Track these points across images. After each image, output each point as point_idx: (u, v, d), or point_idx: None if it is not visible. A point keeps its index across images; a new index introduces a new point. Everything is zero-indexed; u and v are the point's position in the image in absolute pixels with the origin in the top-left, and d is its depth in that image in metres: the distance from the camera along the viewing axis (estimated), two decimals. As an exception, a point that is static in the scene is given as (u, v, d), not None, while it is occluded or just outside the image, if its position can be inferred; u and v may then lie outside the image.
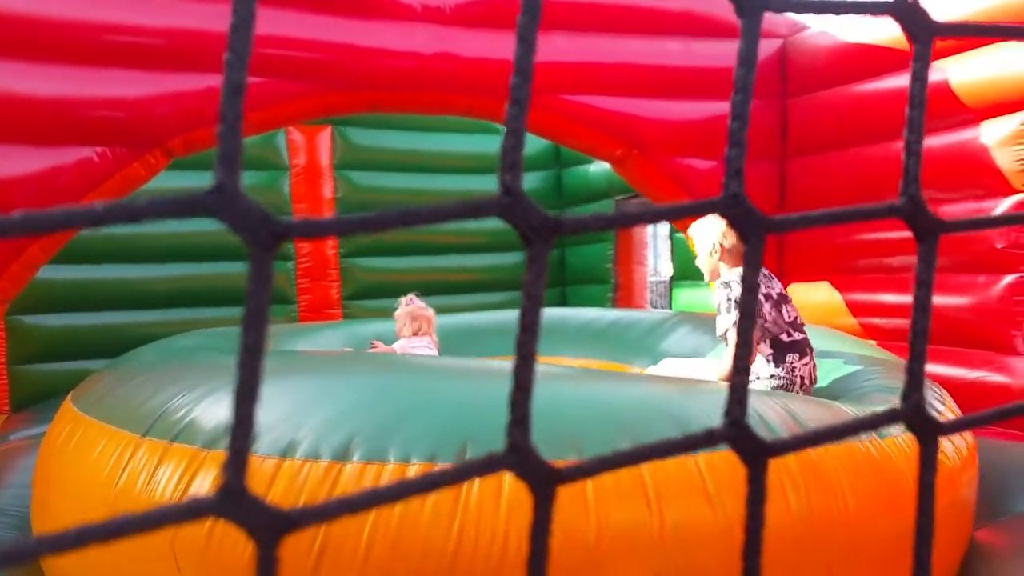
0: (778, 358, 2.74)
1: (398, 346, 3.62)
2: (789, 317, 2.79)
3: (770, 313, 2.75)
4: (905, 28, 0.51)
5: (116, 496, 1.88)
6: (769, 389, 2.69)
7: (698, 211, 0.49)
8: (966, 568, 2.25)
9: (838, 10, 0.53)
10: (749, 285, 0.47)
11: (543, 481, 0.39)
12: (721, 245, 2.87)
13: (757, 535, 0.45)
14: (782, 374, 2.72)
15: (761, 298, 2.74)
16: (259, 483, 1.69)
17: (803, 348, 2.77)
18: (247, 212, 0.34)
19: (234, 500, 0.34)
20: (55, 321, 4.78)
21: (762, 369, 2.74)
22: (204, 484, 1.77)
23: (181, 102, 3.37)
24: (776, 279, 2.94)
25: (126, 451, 1.93)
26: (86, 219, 0.34)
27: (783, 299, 2.83)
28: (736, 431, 0.45)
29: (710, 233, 2.90)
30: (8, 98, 3.16)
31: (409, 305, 3.72)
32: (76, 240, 4.18)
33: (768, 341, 2.74)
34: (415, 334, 3.62)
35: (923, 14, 0.51)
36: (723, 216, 0.46)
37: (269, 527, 0.34)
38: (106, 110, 3.29)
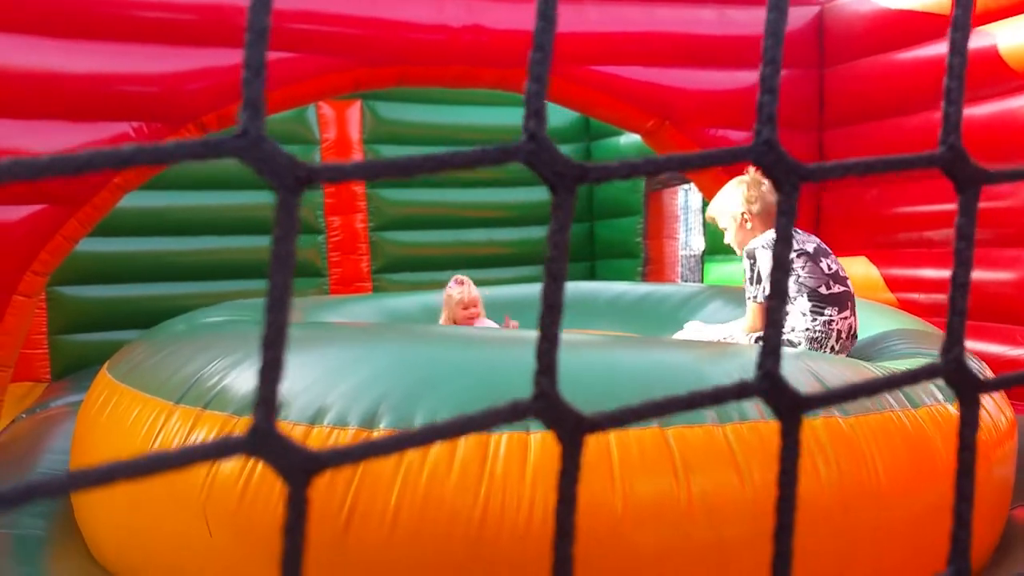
0: (816, 310, 2.68)
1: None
2: (829, 270, 2.72)
3: (804, 267, 2.69)
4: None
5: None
6: (803, 342, 2.65)
7: (730, 159, 0.47)
8: (1003, 547, 2.20)
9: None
10: (784, 235, 0.45)
11: (571, 429, 0.38)
12: (750, 212, 2.81)
13: (791, 490, 0.44)
14: (818, 327, 2.67)
15: (792, 255, 2.68)
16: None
17: (843, 301, 2.70)
18: (272, 155, 0.35)
19: (265, 440, 0.35)
20: (94, 292, 4.87)
21: (797, 322, 2.69)
22: (235, 450, 1.79)
23: (215, 77, 3.38)
24: (812, 235, 2.88)
25: (160, 418, 1.96)
26: (115, 159, 0.35)
27: (821, 252, 2.76)
28: (769, 383, 0.43)
29: (734, 204, 2.84)
30: (44, 74, 3.20)
31: (457, 288, 3.53)
32: (114, 213, 4.23)
33: (805, 294, 2.68)
34: (467, 319, 3.46)
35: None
36: (756, 164, 0.45)
37: (300, 467, 0.35)
38: (140, 85, 3.32)
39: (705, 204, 5.70)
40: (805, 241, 2.78)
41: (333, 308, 3.77)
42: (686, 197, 6.97)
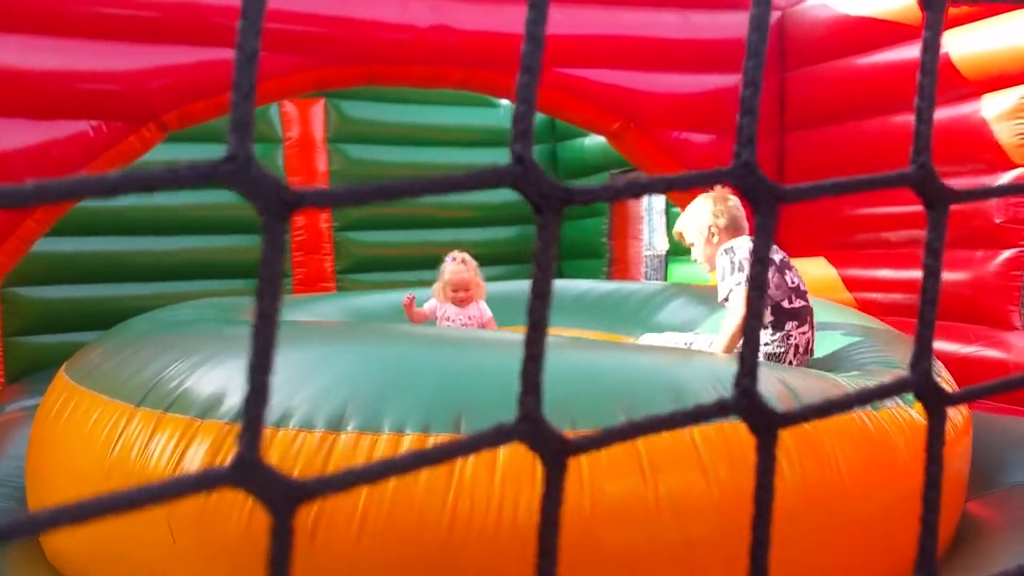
0: (776, 324, 2.69)
1: (427, 306, 3.38)
2: (792, 283, 2.74)
3: (773, 277, 2.70)
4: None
5: (111, 466, 1.87)
6: (760, 356, 2.67)
7: (709, 180, 0.48)
8: (959, 540, 2.26)
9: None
10: (760, 256, 0.46)
11: (555, 452, 0.38)
12: (717, 226, 2.82)
13: (767, 506, 0.44)
14: (776, 341, 2.69)
15: None
16: (254, 454, 1.69)
17: (803, 316, 2.73)
18: (260, 182, 0.34)
19: (249, 471, 0.34)
20: (50, 293, 4.76)
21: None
22: (198, 453, 1.76)
23: (175, 75, 3.33)
24: (777, 247, 2.90)
25: (120, 421, 1.92)
26: (100, 188, 0.34)
27: (786, 265, 2.78)
28: (747, 402, 0.44)
29: (702, 219, 2.85)
30: (2, 71, 3.13)
31: (451, 265, 3.32)
32: (71, 213, 4.15)
33: (769, 307, 2.70)
34: (456, 302, 3.22)
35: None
36: (735, 186, 0.46)
37: (285, 497, 0.34)
38: (100, 83, 3.26)
39: (669, 206, 5.76)
40: (772, 252, 2.79)
41: (299, 307, 3.74)
42: (650, 199, 7.03)
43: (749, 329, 0.45)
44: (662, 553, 1.62)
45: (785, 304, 2.70)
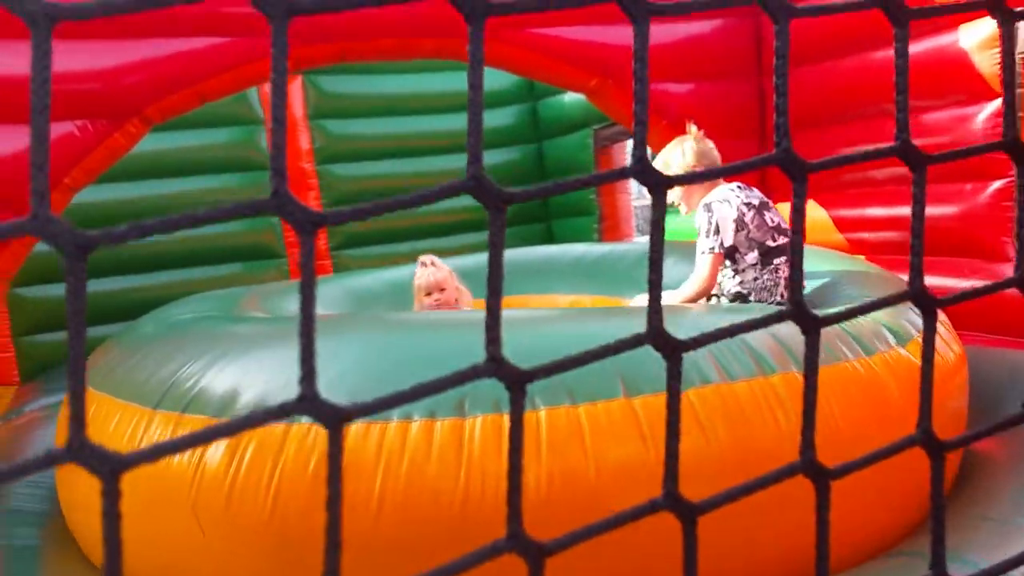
0: (764, 262, 2.80)
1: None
2: (772, 222, 2.83)
3: (753, 219, 2.79)
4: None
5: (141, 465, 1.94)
6: (752, 292, 2.76)
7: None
8: (961, 476, 2.32)
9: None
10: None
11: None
12: (700, 166, 2.88)
13: (677, 414, 0.56)
14: (766, 276, 2.79)
15: (744, 208, 2.78)
16: (270, 447, 1.76)
17: (787, 252, 2.82)
18: (296, 208, 0.46)
19: (309, 401, 0.46)
20: (55, 292, 4.80)
21: (747, 275, 2.80)
22: (218, 452, 1.83)
23: (154, 68, 3.34)
24: (755, 189, 2.97)
25: (140, 424, 1.99)
26: (165, 227, 0.45)
27: (764, 206, 2.86)
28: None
29: (680, 162, 2.91)
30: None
31: (420, 270, 3.19)
32: (68, 210, 4.17)
33: (756, 248, 2.79)
34: (436, 306, 3.08)
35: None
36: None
37: (336, 415, 0.47)
38: (81, 83, 3.27)
39: (654, 157, 5.77)
40: (750, 196, 2.86)
41: (297, 294, 3.78)
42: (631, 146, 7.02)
43: (652, 284, 0.55)
44: (666, 514, 1.70)
45: (770, 243, 2.80)
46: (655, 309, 0.54)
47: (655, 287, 0.55)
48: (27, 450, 2.89)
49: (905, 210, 3.74)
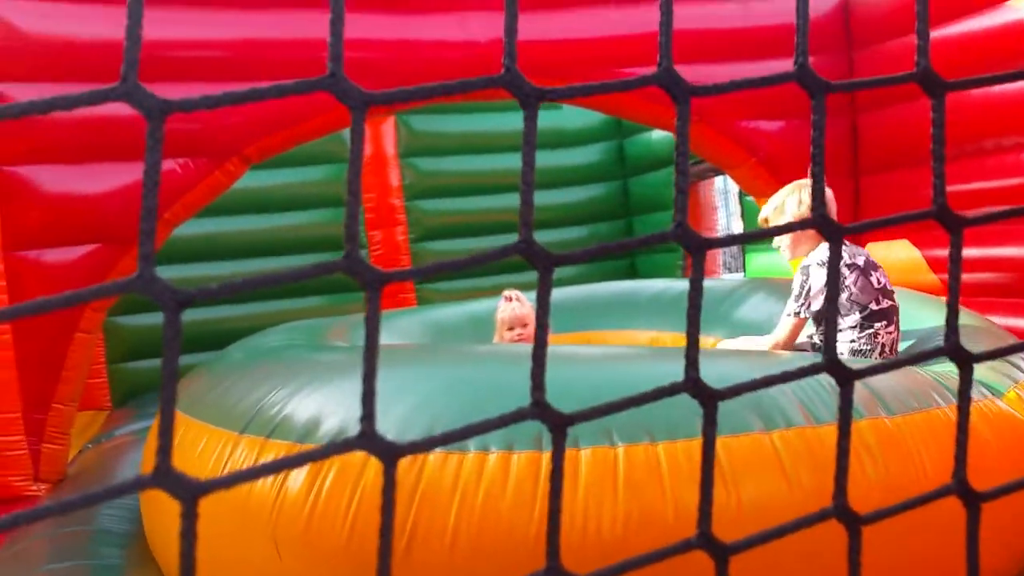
0: (864, 325, 2.71)
1: None
2: (878, 284, 2.75)
3: (856, 282, 2.71)
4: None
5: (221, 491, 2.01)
6: (847, 355, 2.67)
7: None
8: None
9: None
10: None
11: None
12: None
13: (709, 468, 0.59)
14: (864, 341, 2.69)
15: (844, 270, 2.70)
16: (349, 475, 1.79)
17: (890, 316, 2.74)
18: (364, 269, 0.51)
19: (368, 439, 0.51)
20: (148, 320, 5.03)
21: (844, 336, 2.71)
22: (300, 475, 1.87)
23: (253, 110, 3.49)
24: (859, 247, 2.88)
25: (226, 448, 2.05)
26: (251, 286, 0.50)
27: (871, 266, 2.77)
28: (692, 384, 0.52)
29: (794, 208, 2.81)
30: (92, 119, 3.33)
31: (503, 305, 3.21)
32: (170, 241, 4.39)
33: (857, 311, 2.71)
34: (516, 341, 3.10)
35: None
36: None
37: (390, 451, 0.51)
38: (183, 123, 3.43)
39: (743, 193, 5.69)
40: (855, 254, 2.78)
41: (381, 325, 3.86)
42: (724, 182, 6.95)
43: (690, 332, 0.58)
44: (745, 558, 1.65)
45: (873, 306, 2.71)
46: (692, 359, 0.57)
47: (693, 343, 0.57)
48: (115, 473, 3.01)
49: (1000, 251, 3.61)
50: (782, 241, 2.87)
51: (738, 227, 6.73)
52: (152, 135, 0.47)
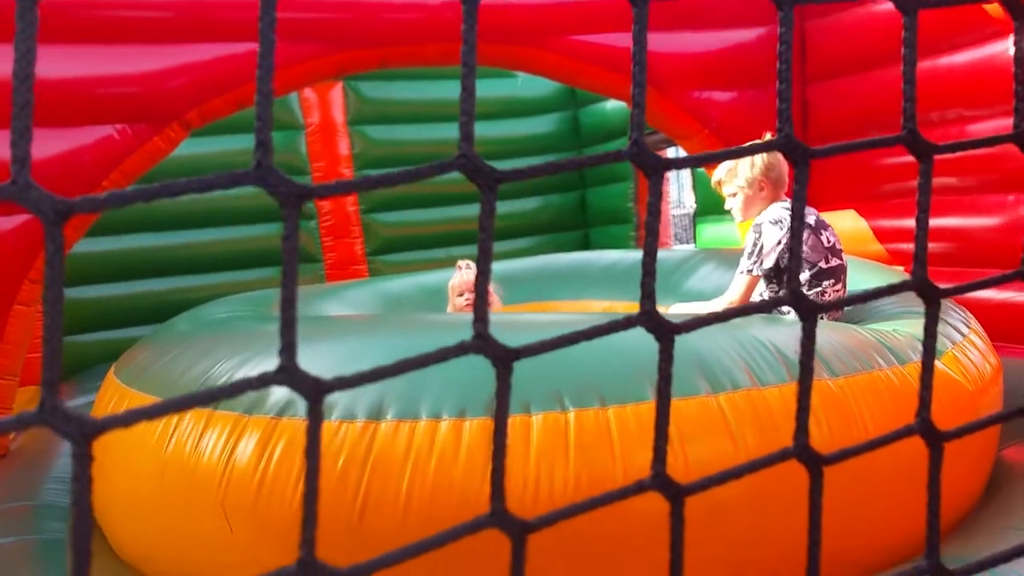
0: (813, 283, 2.74)
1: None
2: (828, 243, 2.77)
3: (808, 239, 2.73)
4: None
5: (166, 462, 1.97)
6: (794, 314, 2.70)
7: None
8: (992, 486, 2.28)
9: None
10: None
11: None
12: (767, 178, 2.76)
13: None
14: (812, 297, 2.71)
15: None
16: (298, 445, 1.77)
17: (838, 274, 2.77)
18: (279, 180, 0.46)
19: (288, 373, 0.46)
20: (88, 293, 4.90)
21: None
22: (248, 447, 1.84)
23: (194, 73, 3.39)
24: (812, 208, 2.90)
25: (172, 420, 2.01)
26: (145, 196, 0.46)
27: (821, 225, 2.80)
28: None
29: (752, 168, 2.77)
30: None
31: (455, 274, 3.30)
32: (104, 213, 4.27)
33: (807, 269, 2.73)
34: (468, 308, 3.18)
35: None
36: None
37: (315, 386, 0.47)
38: (121, 87, 3.32)
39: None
40: (807, 214, 2.79)
41: (331, 296, 3.82)
42: (676, 153, 6.98)
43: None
44: (692, 519, 1.67)
45: (823, 264, 2.74)
46: (648, 291, 0.55)
47: (649, 274, 0.55)
48: (57, 449, 2.94)
49: (946, 221, 3.70)
50: (733, 203, 2.87)
51: (689, 199, 6.77)
52: (52, 241, 0.43)
